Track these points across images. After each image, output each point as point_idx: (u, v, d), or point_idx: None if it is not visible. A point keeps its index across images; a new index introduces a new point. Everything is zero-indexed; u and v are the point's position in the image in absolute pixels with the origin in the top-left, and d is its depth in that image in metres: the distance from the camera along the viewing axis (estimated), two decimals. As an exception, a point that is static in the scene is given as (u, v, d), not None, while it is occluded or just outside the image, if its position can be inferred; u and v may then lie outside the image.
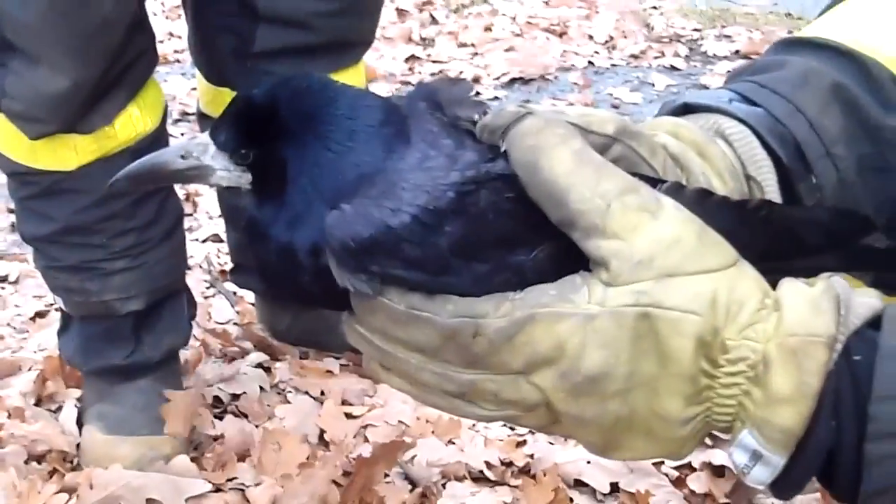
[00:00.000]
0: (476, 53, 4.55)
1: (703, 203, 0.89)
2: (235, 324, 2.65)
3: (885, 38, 1.06)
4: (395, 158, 0.89)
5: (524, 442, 2.18)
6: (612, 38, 4.64)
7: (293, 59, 2.11)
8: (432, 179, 0.87)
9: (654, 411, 0.86)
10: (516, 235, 0.88)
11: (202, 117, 2.29)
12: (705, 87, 4.06)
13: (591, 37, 4.67)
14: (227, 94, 2.17)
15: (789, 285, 0.86)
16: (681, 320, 0.83)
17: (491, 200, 0.87)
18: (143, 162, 0.94)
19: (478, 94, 0.98)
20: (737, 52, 4.40)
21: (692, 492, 2.01)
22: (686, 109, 1.07)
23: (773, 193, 1.01)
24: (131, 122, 2.02)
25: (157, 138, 2.08)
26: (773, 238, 0.91)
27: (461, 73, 4.36)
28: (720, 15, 4.84)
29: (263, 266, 0.93)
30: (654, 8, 5.02)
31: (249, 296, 2.70)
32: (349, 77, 2.21)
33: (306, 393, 2.34)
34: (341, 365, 2.44)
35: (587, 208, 0.84)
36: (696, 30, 4.69)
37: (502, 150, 0.90)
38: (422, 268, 0.86)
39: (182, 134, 3.86)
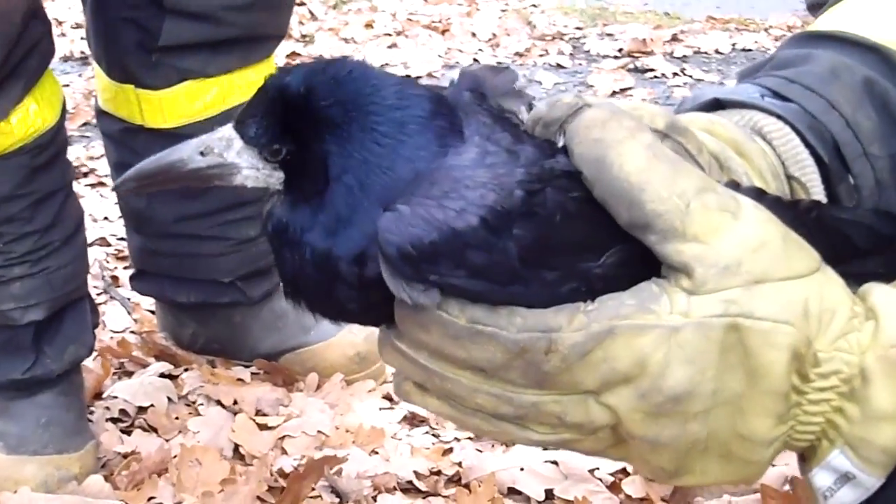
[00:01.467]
0: (358, 50, 4.45)
1: (758, 203, 0.82)
2: (133, 332, 2.52)
3: None
4: (452, 153, 0.80)
5: (451, 450, 2.10)
6: (495, 35, 4.61)
7: (202, 53, 2.03)
8: (497, 177, 0.78)
9: (737, 432, 0.79)
10: (584, 239, 0.80)
11: (102, 115, 2.16)
12: (591, 86, 4.05)
13: (474, 34, 4.62)
14: (130, 91, 2.06)
15: (882, 291, 0.80)
16: (774, 331, 0.77)
17: (557, 200, 0.79)
18: (154, 160, 0.83)
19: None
20: (620, 50, 4.40)
21: (628, 496, 1.96)
22: (715, 105, 1.00)
23: (819, 195, 0.95)
24: (28, 118, 1.89)
25: (56, 135, 1.95)
26: (826, 240, 0.85)
27: (344, 70, 4.26)
28: (600, 13, 4.85)
29: (293, 277, 0.83)
30: (534, 6, 5.00)
31: (146, 302, 2.56)
32: (259, 73, 2.11)
33: (218, 403, 2.22)
34: (252, 373, 2.33)
35: (665, 209, 0.77)
36: (577, 28, 4.69)
37: (560, 144, 0.82)
38: (487, 277, 0.77)
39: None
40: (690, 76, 4.15)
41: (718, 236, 0.77)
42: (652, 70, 4.18)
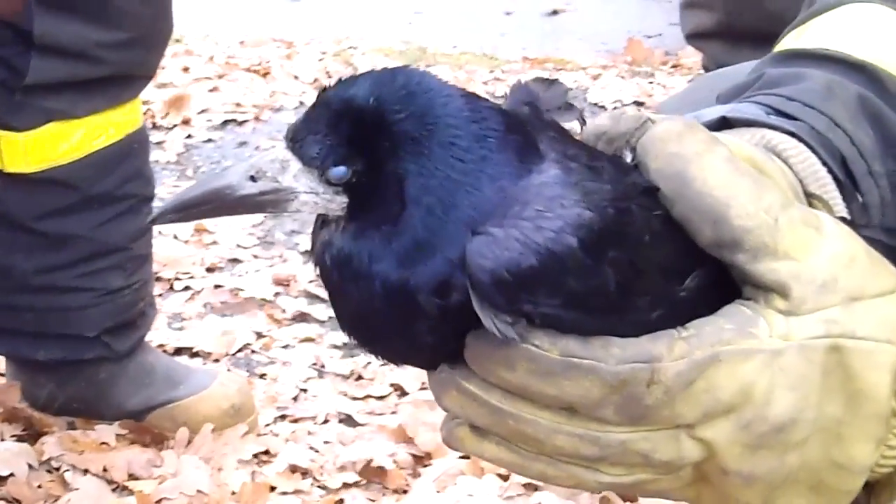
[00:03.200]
0: (179, 95, 4.31)
1: None
2: (-24, 395, 2.33)
3: (890, 49, 1.00)
4: (535, 170, 0.73)
5: (341, 501, 2.02)
6: (317, 78, 4.54)
7: (70, 92, 1.92)
8: (588, 195, 0.72)
9: (833, 461, 0.75)
10: (671, 261, 0.75)
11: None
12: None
13: (296, 77, 4.54)
14: (-12, 133, 1.91)
15: None
16: (876, 351, 0.73)
17: (644, 218, 0.74)
18: (197, 187, 0.74)
19: (569, 93, 0.84)
20: (445, 90, 4.40)
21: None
22: (722, 124, 0.96)
23: (842, 212, 0.91)
24: None
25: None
26: None
27: (166, 114, 4.12)
28: (421, 55, 4.85)
29: (357, 314, 0.75)
30: (353, 48, 4.96)
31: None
32: (126, 114, 2.01)
33: (86, 471, 2.07)
34: (117, 434, 2.18)
35: (753, 225, 0.73)
36: (400, 69, 4.67)
37: (629, 160, 0.77)
38: (583, 304, 0.71)
39: None
40: (518, 115, 4.18)
41: (810, 252, 0.74)
42: (479, 110, 4.19)
